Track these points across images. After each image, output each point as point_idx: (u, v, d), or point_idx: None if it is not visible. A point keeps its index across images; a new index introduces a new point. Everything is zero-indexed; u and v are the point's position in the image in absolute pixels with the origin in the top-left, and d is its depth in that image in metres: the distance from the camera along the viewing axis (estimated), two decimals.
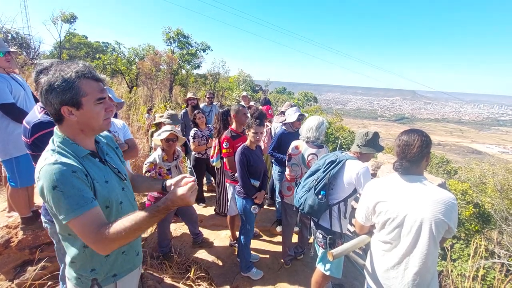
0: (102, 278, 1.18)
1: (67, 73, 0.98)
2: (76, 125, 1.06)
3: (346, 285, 2.85)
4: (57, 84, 0.97)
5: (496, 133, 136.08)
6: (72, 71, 0.99)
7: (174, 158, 2.87)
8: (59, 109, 1.00)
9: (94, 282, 1.16)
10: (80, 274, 1.15)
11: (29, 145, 1.58)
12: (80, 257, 1.12)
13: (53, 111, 1.02)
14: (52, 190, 0.94)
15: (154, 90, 13.13)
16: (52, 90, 0.98)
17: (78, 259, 1.13)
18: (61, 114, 1.02)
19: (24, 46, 12.54)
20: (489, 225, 6.26)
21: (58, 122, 1.06)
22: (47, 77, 0.99)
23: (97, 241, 0.97)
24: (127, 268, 1.28)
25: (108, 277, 1.20)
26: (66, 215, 0.96)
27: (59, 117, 1.04)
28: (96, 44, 20.71)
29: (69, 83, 0.98)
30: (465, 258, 4.58)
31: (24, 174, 2.32)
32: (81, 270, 1.15)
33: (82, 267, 1.14)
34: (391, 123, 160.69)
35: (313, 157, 2.71)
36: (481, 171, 9.73)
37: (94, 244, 0.98)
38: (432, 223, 1.38)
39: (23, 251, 2.41)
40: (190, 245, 3.34)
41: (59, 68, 1.00)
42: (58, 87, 0.97)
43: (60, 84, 0.97)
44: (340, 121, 18.06)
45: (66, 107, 1.00)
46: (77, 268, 1.14)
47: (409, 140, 1.49)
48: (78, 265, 1.14)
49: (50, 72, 0.99)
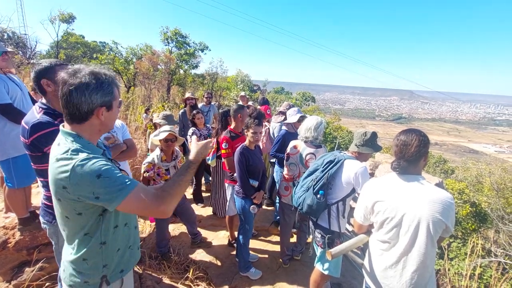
0: (110, 275, 1.20)
1: (110, 78, 1.08)
2: (97, 126, 1.11)
3: (344, 284, 2.86)
4: (104, 86, 1.06)
5: (493, 132, 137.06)
6: (111, 76, 1.10)
7: (172, 158, 2.87)
8: (95, 109, 1.06)
9: (103, 279, 1.18)
10: (88, 276, 1.16)
11: (28, 146, 1.57)
12: (94, 254, 1.15)
13: (85, 109, 1.05)
14: (97, 179, 0.98)
15: (152, 90, 13.09)
16: (99, 91, 1.05)
17: (92, 257, 1.14)
18: (90, 114, 1.06)
19: (20, 46, 12.46)
20: (486, 224, 6.32)
21: (80, 121, 1.07)
22: (90, 77, 1.03)
23: (161, 204, 1.06)
24: (131, 263, 1.32)
25: (116, 272, 1.23)
26: (119, 195, 1.01)
27: (85, 117, 1.07)
28: (93, 43, 20.60)
29: (112, 87, 1.09)
30: (462, 256, 4.62)
31: (21, 175, 2.30)
32: (92, 268, 1.16)
33: (94, 264, 1.16)
34: (388, 123, 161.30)
35: (311, 157, 2.72)
36: (478, 171, 9.81)
37: (158, 207, 1.06)
38: (429, 222, 1.39)
39: (20, 252, 2.40)
40: (189, 245, 3.34)
41: (101, 71, 1.07)
42: (104, 89, 1.06)
43: (107, 87, 1.06)
44: (338, 121, 18.12)
45: (103, 108, 1.07)
46: (89, 266, 1.15)
47: (407, 140, 1.50)
48: (91, 263, 1.15)
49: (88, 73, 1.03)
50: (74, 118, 1.07)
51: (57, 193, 1.04)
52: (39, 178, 1.65)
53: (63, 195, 1.02)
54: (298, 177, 2.78)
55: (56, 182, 1.01)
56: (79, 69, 1.05)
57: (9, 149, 2.23)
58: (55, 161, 1.02)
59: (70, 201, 1.03)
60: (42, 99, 1.66)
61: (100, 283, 1.18)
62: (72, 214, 1.07)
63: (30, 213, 2.51)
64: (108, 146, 2.21)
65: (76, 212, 1.07)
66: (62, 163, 1.00)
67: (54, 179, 1.02)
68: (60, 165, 1.00)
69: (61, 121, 1.59)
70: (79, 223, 1.10)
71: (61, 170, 0.99)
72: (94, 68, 1.07)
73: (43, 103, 1.63)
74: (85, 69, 1.05)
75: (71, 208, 1.06)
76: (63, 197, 1.03)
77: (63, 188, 1.00)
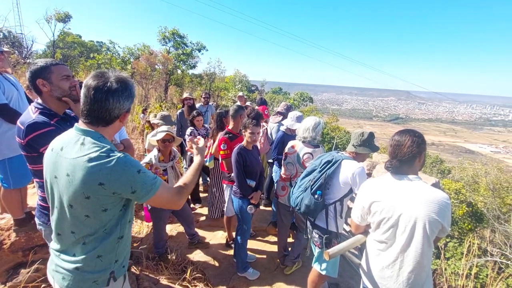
0: (117, 270, 1.22)
1: (134, 85, 1.19)
2: (117, 128, 1.21)
3: (342, 284, 2.86)
4: (133, 94, 1.17)
5: (489, 133, 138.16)
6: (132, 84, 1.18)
7: (170, 159, 2.86)
8: (122, 114, 1.15)
9: (111, 275, 1.20)
10: (99, 274, 1.16)
11: (23, 146, 1.55)
12: (110, 249, 1.17)
13: (116, 114, 1.13)
14: (137, 174, 1.08)
15: (149, 90, 13.05)
16: (129, 98, 1.15)
17: (107, 252, 1.17)
18: (117, 118, 1.15)
19: (16, 45, 12.36)
20: (482, 223, 6.37)
21: (106, 124, 1.14)
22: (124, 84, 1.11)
23: (180, 198, 1.23)
24: (127, 258, 1.34)
25: (121, 268, 1.25)
26: (153, 189, 1.12)
27: (112, 120, 1.14)
28: (90, 43, 20.48)
29: (134, 94, 1.20)
30: (458, 256, 4.65)
31: (17, 175, 2.28)
32: (105, 264, 1.17)
33: (108, 260, 1.18)
34: (386, 123, 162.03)
35: (308, 157, 2.72)
36: (474, 171, 9.88)
37: (178, 201, 1.23)
38: (426, 222, 1.40)
39: (16, 253, 2.38)
40: (186, 245, 3.33)
41: (130, 81, 1.16)
42: (133, 96, 1.17)
43: (133, 94, 1.17)
44: (335, 121, 18.16)
45: (128, 113, 1.19)
46: (102, 263, 1.16)
47: (401, 140, 1.51)
48: (106, 259, 1.17)
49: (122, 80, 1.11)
50: (101, 121, 1.12)
51: (88, 190, 1.04)
52: (35, 178, 1.64)
53: (97, 192, 1.04)
54: (295, 177, 2.78)
55: (92, 179, 1.02)
56: (108, 75, 1.10)
57: (4, 149, 2.21)
58: (86, 160, 1.02)
59: (102, 198, 1.06)
60: (38, 99, 1.65)
61: (108, 279, 1.19)
62: (97, 212, 1.09)
63: (26, 214, 2.49)
64: None
65: (102, 208, 1.09)
66: (101, 161, 1.03)
67: (87, 176, 1.02)
68: (98, 163, 1.02)
69: (57, 121, 1.58)
70: (101, 220, 1.11)
71: (101, 167, 1.02)
72: (119, 73, 1.14)
73: (38, 103, 1.62)
74: (112, 74, 1.11)
75: (99, 205, 1.08)
76: (96, 194, 1.05)
77: (100, 185, 1.03)
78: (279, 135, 3.51)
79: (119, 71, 1.16)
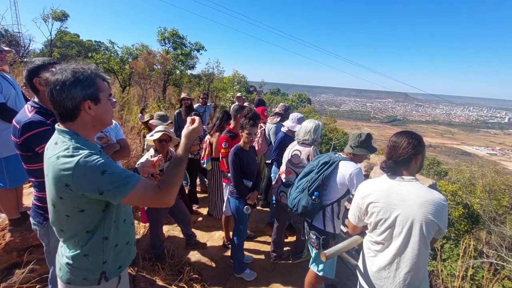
0: (109, 271, 1.22)
1: (88, 71, 1.08)
2: (90, 121, 1.12)
3: (339, 285, 2.86)
4: (82, 79, 1.05)
5: (485, 135, 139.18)
6: (90, 69, 1.09)
7: (167, 159, 2.85)
8: (80, 103, 1.06)
9: (102, 275, 1.20)
10: (88, 272, 1.17)
11: (19, 145, 1.54)
12: (96, 250, 1.16)
13: (70, 106, 1.05)
14: (102, 176, 1.01)
15: (147, 90, 13.01)
16: (77, 85, 1.04)
17: (93, 252, 1.16)
18: (78, 110, 1.07)
19: (13, 44, 12.28)
20: (478, 225, 6.41)
21: (71, 119, 1.08)
22: (66, 73, 1.04)
23: (162, 196, 1.12)
24: (128, 259, 1.34)
25: (114, 269, 1.25)
26: (124, 190, 1.04)
27: (74, 114, 1.07)
28: (89, 43, 20.40)
29: (91, 79, 1.08)
30: (454, 258, 4.67)
31: (13, 175, 2.26)
32: (93, 264, 1.17)
33: (95, 260, 1.17)
34: (383, 125, 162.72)
35: (296, 153, 2.78)
36: (471, 173, 9.94)
37: (162, 199, 1.13)
38: (422, 223, 1.40)
39: (10, 253, 2.35)
40: (183, 246, 3.31)
41: (79, 66, 1.07)
42: (83, 82, 1.05)
43: (85, 80, 1.06)
44: (333, 123, 18.20)
45: (88, 102, 1.07)
46: (89, 262, 1.16)
47: (397, 141, 1.53)
48: (92, 259, 1.16)
49: (66, 70, 1.05)
50: (64, 117, 1.08)
51: (59, 191, 1.04)
52: (31, 178, 1.63)
53: (66, 193, 1.03)
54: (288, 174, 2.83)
55: (59, 180, 1.02)
56: (60, 68, 1.07)
57: (0, 148, 2.19)
58: (55, 159, 1.02)
59: (73, 199, 1.05)
60: (35, 98, 1.64)
61: (99, 279, 1.20)
62: (74, 212, 1.08)
63: (21, 214, 2.47)
64: (101, 146, 2.18)
65: (78, 209, 1.08)
66: (65, 160, 1.00)
67: (56, 177, 1.02)
68: (63, 163, 1.00)
69: (53, 120, 1.57)
70: (81, 220, 1.11)
71: (64, 168, 1.00)
72: (75, 65, 1.08)
73: (35, 102, 1.61)
74: (64, 67, 1.07)
75: (74, 206, 1.07)
76: (66, 195, 1.04)
77: (66, 186, 1.01)
78: (280, 136, 3.51)
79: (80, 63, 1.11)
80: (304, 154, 2.72)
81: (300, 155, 2.73)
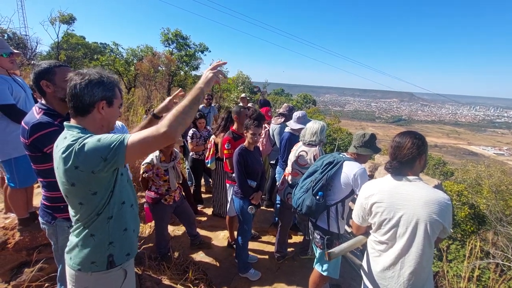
0: (116, 255, 1.26)
1: (111, 78, 1.25)
2: (99, 120, 1.24)
3: (343, 285, 2.86)
4: (106, 83, 1.21)
5: (492, 135, 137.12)
6: (114, 78, 1.27)
7: (171, 159, 2.88)
8: (96, 102, 1.19)
9: (109, 259, 1.24)
10: (95, 255, 1.22)
11: (28, 146, 1.58)
12: (101, 229, 1.22)
13: (87, 101, 1.18)
14: (98, 142, 1.07)
15: (152, 91, 13.10)
16: (100, 85, 1.19)
17: (99, 232, 1.22)
18: (92, 107, 1.19)
19: (21, 47, 12.47)
20: (485, 226, 6.33)
21: (82, 114, 1.20)
22: (94, 74, 1.19)
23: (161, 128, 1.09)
24: (134, 248, 1.39)
25: (122, 255, 1.29)
26: (121, 145, 1.07)
27: (87, 110, 1.19)
28: (94, 45, 20.60)
29: (113, 85, 1.24)
30: (460, 258, 4.62)
31: (23, 175, 2.31)
32: (99, 245, 1.22)
33: (101, 240, 1.23)
34: (388, 125, 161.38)
35: (302, 154, 2.79)
36: (477, 173, 9.81)
37: (161, 131, 1.09)
38: (427, 223, 1.40)
39: (20, 252, 2.40)
40: (188, 246, 3.34)
41: (105, 72, 1.24)
42: (106, 84, 1.21)
43: (108, 84, 1.22)
44: (338, 123, 18.10)
45: (103, 102, 1.21)
46: (96, 242, 1.22)
47: (401, 142, 1.53)
48: (97, 239, 1.22)
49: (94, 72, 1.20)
50: (77, 111, 1.19)
51: (71, 177, 1.10)
52: (40, 178, 1.66)
53: (78, 176, 1.09)
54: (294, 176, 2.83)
55: (68, 167, 1.08)
56: (88, 70, 1.21)
57: (11, 149, 2.24)
58: (63, 150, 1.09)
59: (85, 182, 1.11)
60: (42, 100, 1.68)
61: (107, 263, 1.24)
62: (87, 197, 1.15)
63: (30, 214, 2.52)
64: None
65: (91, 192, 1.15)
66: (71, 147, 1.08)
67: (65, 166, 1.09)
68: (70, 150, 1.08)
69: (61, 121, 1.60)
70: (94, 204, 1.17)
71: (71, 153, 1.07)
72: (102, 70, 1.24)
73: (43, 103, 1.64)
74: (92, 70, 1.21)
75: (87, 190, 1.14)
76: (78, 179, 1.10)
77: (76, 169, 1.08)
78: (286, 136, 3.52)
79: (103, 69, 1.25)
80: (310, 154, 2.73)
81: (307, 156, 2.74)
